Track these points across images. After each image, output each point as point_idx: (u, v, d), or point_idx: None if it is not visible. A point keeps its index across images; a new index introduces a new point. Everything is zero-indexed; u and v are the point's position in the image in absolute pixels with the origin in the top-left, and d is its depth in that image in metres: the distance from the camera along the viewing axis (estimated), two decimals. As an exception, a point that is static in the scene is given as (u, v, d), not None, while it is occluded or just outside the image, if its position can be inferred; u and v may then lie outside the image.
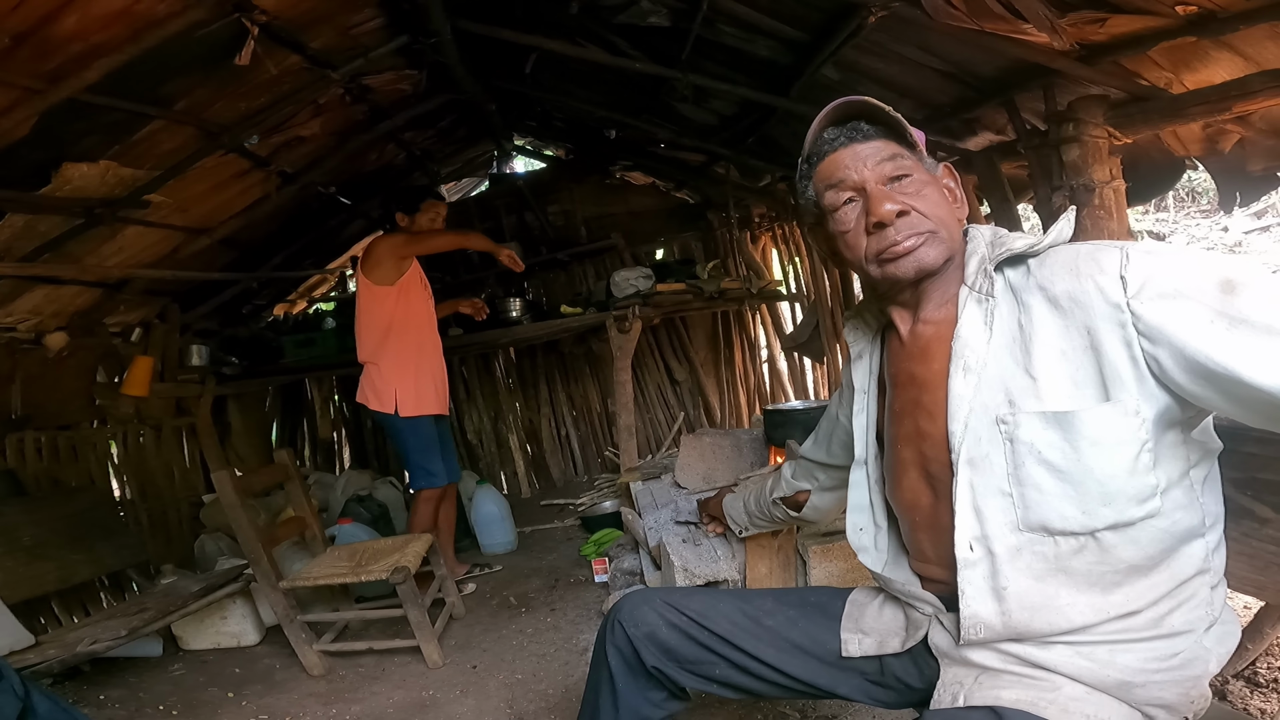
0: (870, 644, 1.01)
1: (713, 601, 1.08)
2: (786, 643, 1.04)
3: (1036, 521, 0.81)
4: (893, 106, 0.92)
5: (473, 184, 5.62)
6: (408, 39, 2.51)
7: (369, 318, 2.85)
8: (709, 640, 1.05)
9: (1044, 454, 0.79)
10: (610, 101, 3.62)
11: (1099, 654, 0.81)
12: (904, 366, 0.97)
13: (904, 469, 0.97)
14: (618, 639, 1.07)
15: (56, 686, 2.38)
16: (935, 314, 0.94)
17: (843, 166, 0.92)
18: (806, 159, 0.98)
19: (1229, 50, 1.51)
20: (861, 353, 1.08)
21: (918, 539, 0.97)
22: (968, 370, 0.86)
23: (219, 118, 2.35)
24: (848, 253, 0.95)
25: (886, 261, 0.91)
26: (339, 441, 4.96)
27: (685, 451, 2.68)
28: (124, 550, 2.76)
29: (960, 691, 0.88)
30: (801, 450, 1.36)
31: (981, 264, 0.89)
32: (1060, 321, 0.81)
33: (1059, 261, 0.83)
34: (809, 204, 0.99)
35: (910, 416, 0.95)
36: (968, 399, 0.86)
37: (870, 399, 1.06)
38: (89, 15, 1.57)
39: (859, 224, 0.92)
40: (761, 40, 2.43)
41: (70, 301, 2.84)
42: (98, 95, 1.82)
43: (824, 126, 0.96)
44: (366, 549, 2.54)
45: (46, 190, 2.08)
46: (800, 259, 4.43)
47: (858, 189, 0.92)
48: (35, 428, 2.84)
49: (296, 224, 3.75)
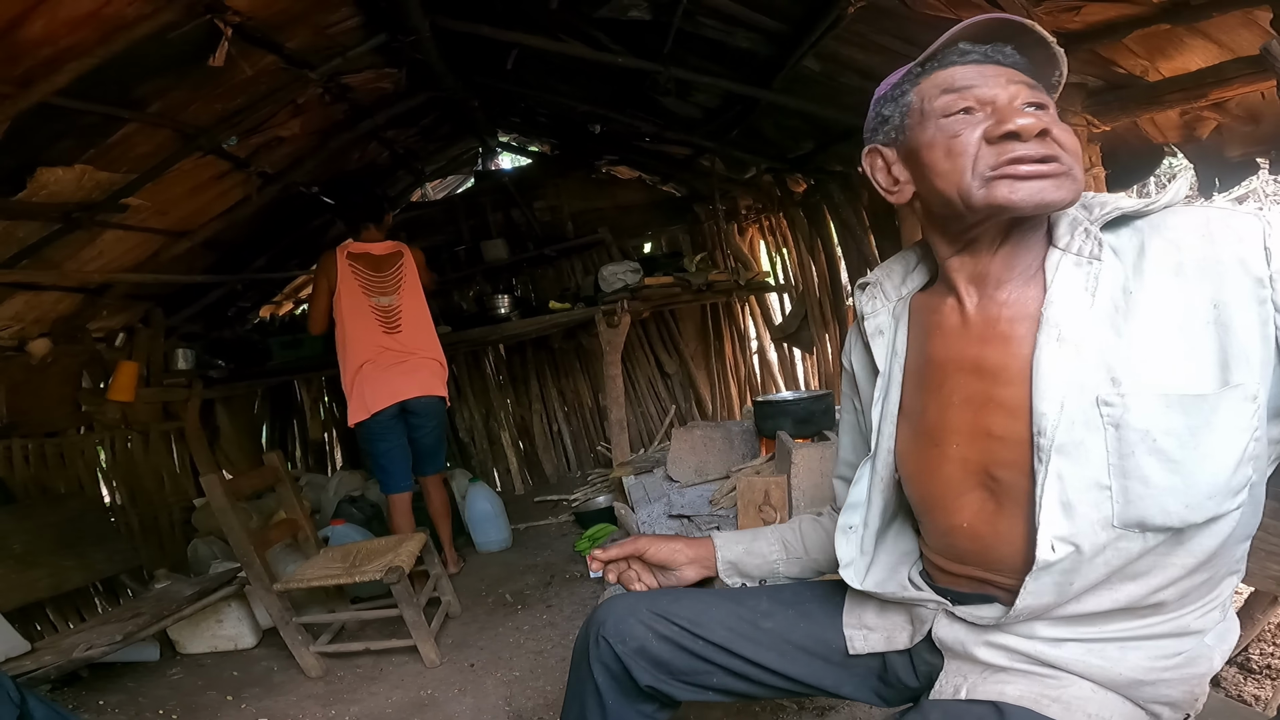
0: (877, 639, 0.93)
1: (704, 607, 0.99)
2: (788, 645, 0.96)
3: (1134, 517, 0.70)
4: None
5: (458, 181, 5.59)
6: (386, 37, 2.49)
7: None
8: (704, 649, 0.96)
9: (1159, 442, 0.68)
10: (594, 96, 3.61)
11: (1110, 651, 0.77)
12: (964, 349, 0.82)
13: (948, 468, 0.83)
14: (603, 655, 0.97)
15: (55, 693, 2.38)
16: (1019, 286, 0.79)
17: (973, 76, 0.76)
18: (921, 63, 0.80)
19: (1203, 37, 1.52)
20: (882, 327, 0.92)
21: (952, 544, 0.85)
22: (1063, 341, 0.73)
23: (195, 119, 2.32)
24: (943, 164, 0.75)
25: (1001, 179, 0.72)
26: (330, 442, 4.94)
27: (677, 444, 2.68)
28: (116, 556, 2.76)
29: (964, 685, 0.83)
30: (839, 471, 1.10)
31: (1075, 224, 0.76)
32: (1181, 292, 0.70)
33: (1185, 225, 0.72)
34: (895, 113, 0.81)
35: (970, 410, 0.81)
36: (1064, 375, 0.72)
37: (892, 384, 0.90)
38: (57, 19, 1.55)
39: (976, 132, 0.74)
40: (742, 32, 2.43)
41: (52, 307, 2.81)
42: (70, 99, 1.80)
43: (960, 38, 0.79)
44: (360, 549, 2.54)
45: (22, 196, 2.06)
46: (787, 250, 4.43)
47: (985, 102, 0.75)
48: (22, 435, 2.82)
49: (280, 225, 3.72)
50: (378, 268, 2.94)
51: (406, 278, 2.99)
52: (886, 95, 0.83)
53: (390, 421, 2.91)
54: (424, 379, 2.94)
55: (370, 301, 2.89)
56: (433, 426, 3.03)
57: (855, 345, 1.00)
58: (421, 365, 2.95)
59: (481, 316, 3.96)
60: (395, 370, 2.89)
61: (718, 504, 2.28)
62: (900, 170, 0.82)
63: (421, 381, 2.93)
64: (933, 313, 0.86)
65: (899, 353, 0.90)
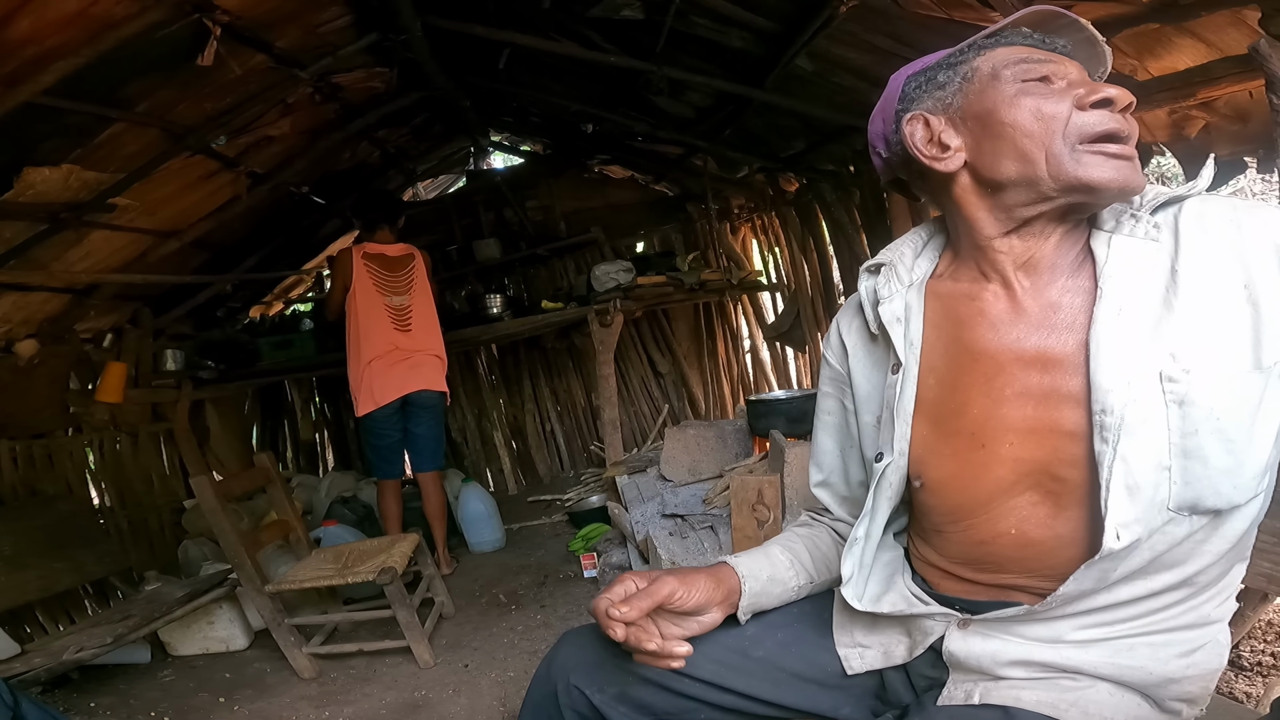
0: (874, 656, 0.87)
1: (690, 642, 0.87)
2: (781, 673, 0.89)
3: (1190, 499, 0.68)
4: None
5: (450, 181, 5.57)
6: (377, 36, 2.48)
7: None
8: (690, 688, 0.88)
9: (1221, 421, 0.66)
10: (586, 96, 3.61)
11: (1140, 650, 0.74)
12: (1021, 339, 0.76)
13: (997, 471, 0.76)
14: (576, 704, 0.87)
15: (46, 695, 2.37)
16: (1071, 273, 0.75)
17: (1044, 55, 0.74)
18: (987, 35, 0.77)
19: (1191, 36, 1.53)
20: (899, 314, 0.84)
21: (988, 552, 0.78)
22: (1123, 314, 0.70)
23: (184, 119, 2.31)
24: (1031, 124, 0.71)
25: (1094, 155, 0.69)
26: (321, 443, 4.92)
27: (670, 444, 2.69)
28: (106, 557, 2.74)
29: (975, 690, 0.78)
30: (824, 478, 1.01)
31: (1119, 210, 0.75)
32: (1219, 274, 0.69)
33: (1215, 211, 0.72)
34: (953, 78, 0.77)
35: (1028, 405, 0.75)
36: (1127, 350, 0.69)
37: (907, 379, 0.82)
38: (43, 19, 1.54)
39: (1066, 98, 0.71)
40: (734, 31, 2.43)
41: (39, 308, 2.78)
42: (56, 98, 1.78)
43: (1021, 23, 0.78)
44: (352, 550, 2.53)
45: (8, 196, 2.03)
46: (780, 249, 4.45)
47: (1060, 77, 0.73)
48: (9, 437, 2.80)
49: (270, 225, 3.70)
50: (392, 268, 3.05)
51: (418, 279, 3.10)
52: (940, 63, 0.79)
53: (394, 414, 3.04)
54: (427, 374, 3.07)
55: (384, 300, 3.00)
56: (431, 420, 3.15)
57: (852, 335, 0.92)
58: (426, 361, 3.08)
59: (474, 316, 3.95)
60: (403, 366, 3.01)
61: (711, 503, 2.29)
62: (952, 136, 0.77)
63: (425, 376, 3.06)
64: (970, 299, 0.80)
65: (914, 344, 0.83)
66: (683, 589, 0.83)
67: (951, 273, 0.84)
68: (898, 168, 0.86)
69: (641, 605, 0.78)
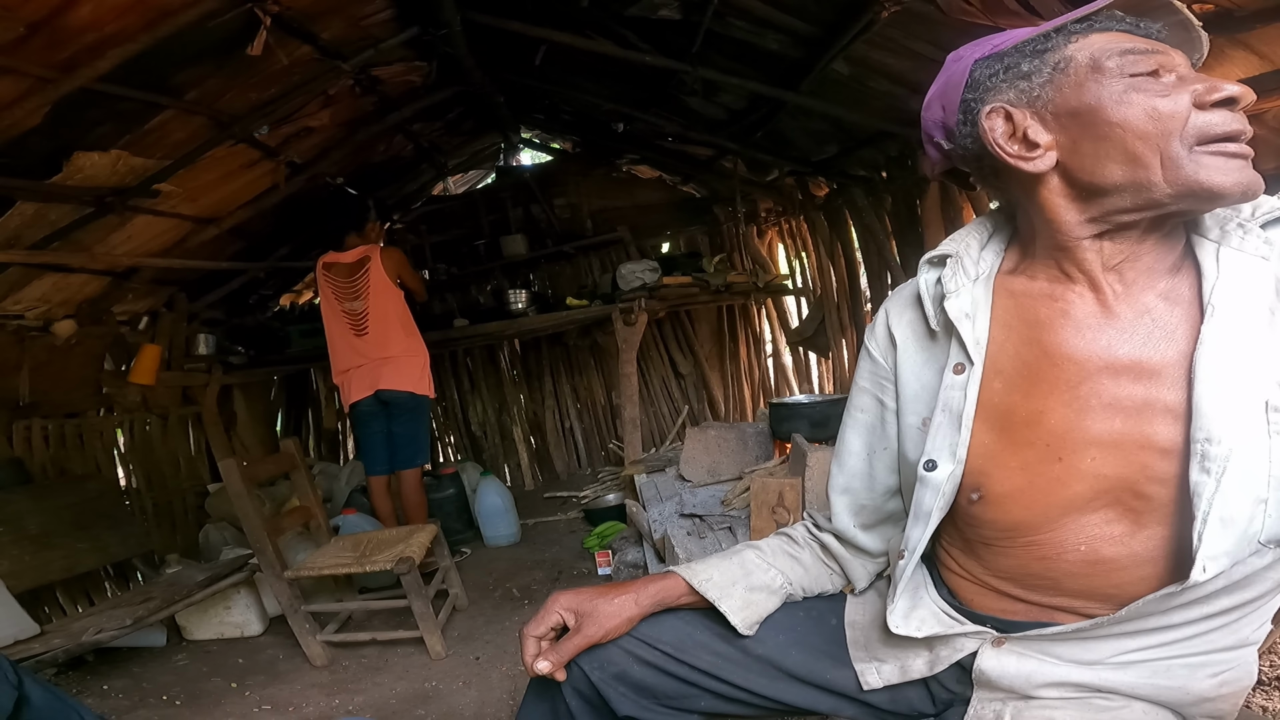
0: (891, 671, 0.84)
1: (689, 631, 0.89)
2: (780, 672, 0.88)
3: (1276, 533, 0.64)
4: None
5: (480, 176, 5.62)
6: (418, 30, 2.51)
7: None
8: (689, 675, 0.88)
9: None
10: (618, 95, 3.62)
11: (1177, 671, 0.72)
12: (1113, 346, 0.70)
13: (1075, 486, 0.71)
14: (576, 681, 0.87)
15: (60, 676, 2.39)
16: (1169, 278, 0.70)
17: (1145, 44, 0.67)
18: (1078, 21, 0.70)
19: (1245, 49, 1.50)
20: (967, 309, 0.77)
21: (1047, 569, 0.74)
22: (1232, 338, 0.65)
23: (230, 108, 2.35)
24: (1145, 124, 0.64)
25: (1215, 156, 0.64)
26: (343, 432, 4.98)
27: (690, 444, 2.68)
28: (129, 539, 2.78)
29: (1005, 710, 0.76)
30: (845, 483, 0.93)
31: (1224, 219, 0.70)
32: None
33: None
34: (1041, 68, 0.70)
35: (1118, 417, 0.69)
36: (1234, 375, 0.64)
37: (971, 382, 0.75)
38: (104, 5, 1.57)
39: (1183, 95, 0.64)
40: (771, 34, 2.42)
41: (79, 290, 2.85)
42: (110, 85, 1.83)
43: (1115, 6, 0.70)
44: (371, 539, 2.56)
45: (57, 179, 2.09)
46: (807, 253, 4.42)
47: (1168, 70, 0.66)
48: (42, 415, 2.86)
49: (304, 214, 3.76)
50: (346, 275, 3.09)
51: (373, 281, 3.07)
52: (1022, 48, 0.71)
53: (368, 413, 3.11)
54: (389, 374, 3.07)
55: (341, 307, 3.08)
56: (406, 419, 3.14)
57: (902, 328, 0.85)
58: (386, 363, 3.07)
59: (498, 311, 3.98)
60: (365, 368, 3.07)
61: (730, 504, 2.28)
62: (1040, 133, 0.70)
63: (387, 377, 3.07)
64: (1051, 300, 0.73)
65: (980, 343, 0.76)
66: (607, 626, 0.86)
67: (1025, 269, 0.77)
68: (963, 160, 0.78)
69: (565, 655, 0.85)
